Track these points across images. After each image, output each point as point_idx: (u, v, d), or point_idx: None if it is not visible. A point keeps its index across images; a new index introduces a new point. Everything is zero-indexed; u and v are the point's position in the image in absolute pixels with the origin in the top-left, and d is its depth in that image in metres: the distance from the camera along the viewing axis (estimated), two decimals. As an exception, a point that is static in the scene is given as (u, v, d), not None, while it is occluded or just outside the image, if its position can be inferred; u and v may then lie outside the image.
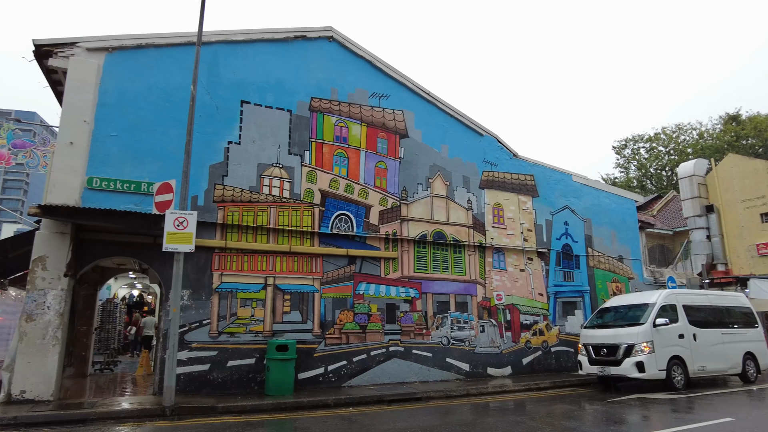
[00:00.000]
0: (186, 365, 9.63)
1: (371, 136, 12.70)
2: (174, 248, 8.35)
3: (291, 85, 11.88)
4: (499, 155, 14.58)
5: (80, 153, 9.57)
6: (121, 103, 10.11)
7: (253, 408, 8.63)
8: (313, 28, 12.42)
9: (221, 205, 10.62)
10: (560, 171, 15.77)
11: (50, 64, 9.91)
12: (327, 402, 9.21)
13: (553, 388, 11.53)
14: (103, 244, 9.76)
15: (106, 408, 8.14)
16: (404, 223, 12.62)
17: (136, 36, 10.48)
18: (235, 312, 10.36)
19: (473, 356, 12.67)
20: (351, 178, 12.19)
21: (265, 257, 10.86)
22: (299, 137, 11.74)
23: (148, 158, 10.11)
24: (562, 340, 14.21)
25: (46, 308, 8.88)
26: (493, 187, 14.31)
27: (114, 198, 9.61)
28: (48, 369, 8.68)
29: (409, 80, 13.44)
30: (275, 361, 9.77)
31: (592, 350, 11.43)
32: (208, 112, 10.81)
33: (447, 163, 13.64)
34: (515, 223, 14.40)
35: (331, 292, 11.35)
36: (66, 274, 9.09)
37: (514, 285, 13.88)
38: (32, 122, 62.57)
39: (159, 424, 7.50)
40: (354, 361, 11.17)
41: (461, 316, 12.81)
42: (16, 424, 7.26)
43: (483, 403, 9.80)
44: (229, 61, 11.29)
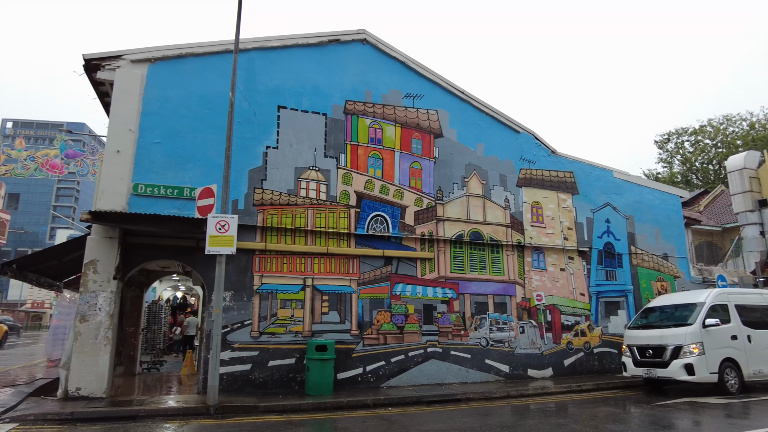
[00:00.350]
0: (228, 365, 9.88)
1: (405, 136, 12.70)
2: (216, 251, 8.59)
3: (326, 88, 12.02)
4: (536, 152, 14.31)
5: (126, 161, 9.96)
6: (163, 112, 10.47)
7: (293, 407, 8.77)
8: (347, 32, 12.53)
9: (261, 209, 10.85)
10: (600, 167, 15.35)
11: (98, 77, 10.37)
12: (366, 402, 9.27)
13: (596, 390, 11.23)
14: (148, 247, 10.13)
15: (154, 406, 8.44)
16: (440, 223, 12.56)
17: (177, 46, 10.83)
18: (275, 312, 10.56)
19: (513, 357, 12.48)
20: (386, 179, 12.22)
21: (304, 258, 11.03)
22: (335, 140, 11.87)
23: (190, 164, 10.43)
24: (605, 341, 13.81)
25: (97, 309, 9.29)
26: (531, 185, 14.06)
27: (158, 203, 9.96)
28: (100, 367, 9.07)
29: (442, 79, 13.37)
30: (315, 361, 9.90)
31: (636, 351, 11.07)
32: (247, 117, 11.06)
33: (483, 161, 13.49)
34: (555, 222, 14.10)
35: (368, 293, 11.41)
36: (115, 277, 9.49)
37: (554, 285, 13.59)
38: (82, 133, 65.55)
39: (204, 422, 7.73)
40: (392, 361, 11.20)
41: (500, 317, 12.64)
42: (73, 420, 7.63)
43: (523, 405, 9.65)
44: (266, 67, 11.52)
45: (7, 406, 8.17)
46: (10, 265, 11.06)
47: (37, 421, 7.51)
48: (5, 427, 7.07)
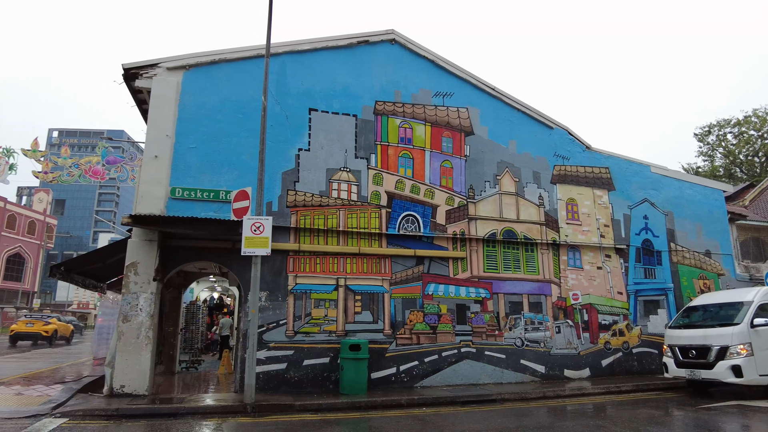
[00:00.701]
0: (264, 364, 10.05)
1: (436, 135, 12.65)
2: (252, 252, 8.76)
3: (356, 90, 12.10)
4: (570, 148, 14.02)
5: (164, 165, 10.27)
6: (198, 117, 10.75)
7: (328, 406, 8.86)
8: (375, 32, 12.58)
9: (294, 210, 11.01)
10: (637, 162, 14.91)
11: (136, 85, 10.73)
12: (400, 402, 9.28)
13: (636, 391, 10.92)
14: (186, 249, 10.41)
15: (194, 404, 8.68)
16: (472, 222, 12.46)
17: (210, 53, 11.09)
18: (309, 312, 10.69)
19: (549, 358, 12.27)
20: (416, 178, 12.20)
21: (336, 259, 11.12)
22: (365, 141, 11.93)
23: (225, 167, 10.67)
24: (645, 340, 13.41)
25: (138, 310, 9.61)
26: (566, 182, 13.78)
27: (195, 206, 10.23)
28: (142, 366, 9.39)
29: (472, 76, 13.25)
30: (349, 360, 9.97)
31: (678, 352, 10.70)
32: (279, 121, 11.24)
33: (515, 158, 13.31)
34: (591, 219, 13.78)
35: (401, 293, 11.42)
36: (154, 278, 9.79)
37: (591, 284, 13.28)
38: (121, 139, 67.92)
39: (241, 420, 7.89)
40: (425, 361, 11.17)
41: (535, 317, 12.44)
42: (118, 416, 7.92)
43: (560, 406, 9.47)
44: (296, 71, 11.67)
45: (58, 401, 8.55)
46: (58, 267, 11.57)
47: (85, 416, 7.83)
48: (57, 421, 7.41)
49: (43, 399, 8.92)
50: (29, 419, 7.51)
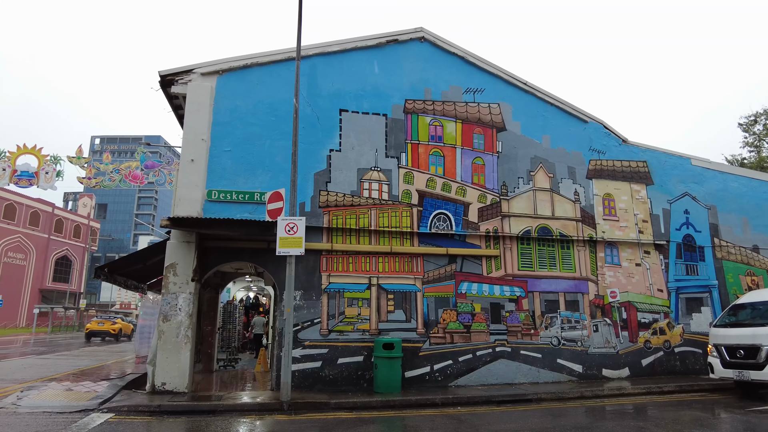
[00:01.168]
0: (300, 362, 10.19)
1: (467, 132, 12.54)
2: (286, 252, 8.90)
3: (385, 89, 12.12)
4: (606, 142, 13.66)
5: (200, 168, 10.54)
6: (232, 121, 10.98)
7: (363, 405, 8.91)
8: (404, 31, 12.56)
9: (326, 210, 11.11)
10: (677, 155, 14.40)
11: (172, 91, 11.04)
12: (435, 401, 9.25)
13: (679, 392, 10.55)
14: (222, 250, 10.66)
15: (232, 401, 8.88)
16: (505, 219, 12.30)
17: (242, 57, 11.31)
18: (343, 311, 10.78)
19: (586, 357, 11.99)
20: (448, 176, 12.13)
21: (368, 258, 11.17)
22: (395, 140, 11.93)
23: (259, 169, 10.86)
24: (688, 339, 12.95)
25: (178, 310, 9.89)
26: (602, 177, 13.43)
27: (231, 208, 10.46)
28: (182, 364, 9.66)
29: (504, 72, 13.08)
30: (382, 359, 10.00)
31: (725, 352, 10.27)
32: (311, 122, 11.37)
33: (549, 154, 13.06)
34: (628, 215, 13.40)
35: (433, 292, 11.38)
36: (193, 278, 10.06)
37: (629, 281, 12.91)
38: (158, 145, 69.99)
39: (278, 418, 8.02)
40: (460, 360, 11.10)
41: (572, 316, 12.19)
42: (160, 412, 8.18)
43: (599, 406, 9.25)
44: (327, 72, 11.78)
45: (105, 397, 8.90)
46: (102, 269, 12.03)
47: (130, 412, 8.12)
48: (104, 416, 7.71)
49: (91, 395, 9.29)
50: (79, 414, 7.84)
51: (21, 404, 8.46)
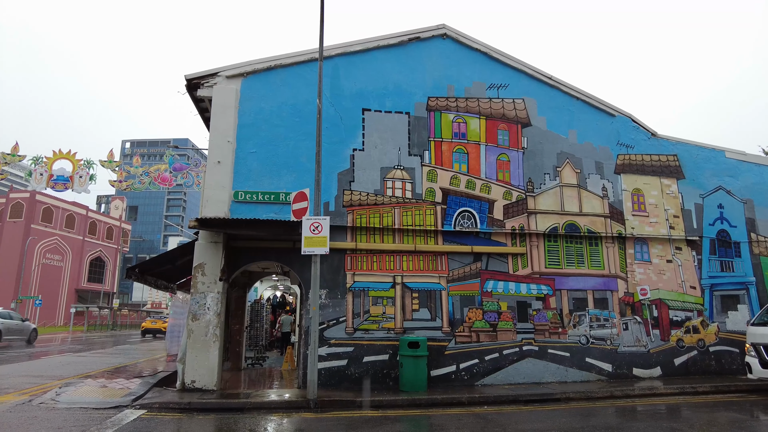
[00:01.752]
0: (326, 360, 10.27)
1: (491, 128, 12.42)
2: (311, 251, 8.98)
3: (408, 87, 12.09)
4: (635, 136, 13.34)
5: (226, 170, 10.71)
6: (257, 122, 11.12)
7: (389, 403, 8.92)
8: (426, 28, 12.51)
9: (350, 209, 11.16)
10: (709, 147, 13.95)
11: (198, 95, 11.25)
12: (461, 400, 9.20)
13: (715, 392, 10.23)
14: (249, 250, 10.81)
15: (259, 399, 9.00)
16: (531, 216, 12.14)
17: (266, 59, 11.45)
18: (367, 310, 10.81)
19: (616, 356, 11.74)
20: (472, 173, 12.03)
21: (392, 256, 11.17)
22: (418, 138, 11.90)
23: (284, 170, 10.98)
24: (723, 338, 12.54)
25: (206, 309, 10.08)
26: (631, 172, 13.12)
27: (257, 208, 10.61)
28: (211, 362, 9.84)
29: (528, 66, 12.89)
30: (408, 357, 9.99)
31: (764, 351, 9.90)
32: (334, 122, 11.43)
33: (576, 149, 12.82)
34: (659, 210, 13.06)
35: (458, 290, 11.31)
36: (220, 278, 10.23)
37: (660, 278, 12.58)
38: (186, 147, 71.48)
39: (305, 416, 8.10)
40: (486, 359, 11.01)
41: (601, 314, 11.95)
42: (190, 409, 8.36)
43: (629, 406, 9.04)
44: (349, 72, 11.82)
45: (137, 394, 9.14)
46: (133, 269, 12.35)
47: (161, 408, 8.32)
48: (137, 412, 7.92)
49: (124, 391, 9.55)
50: (113, 410, 8.08)
51: (59, 400, 8.76)
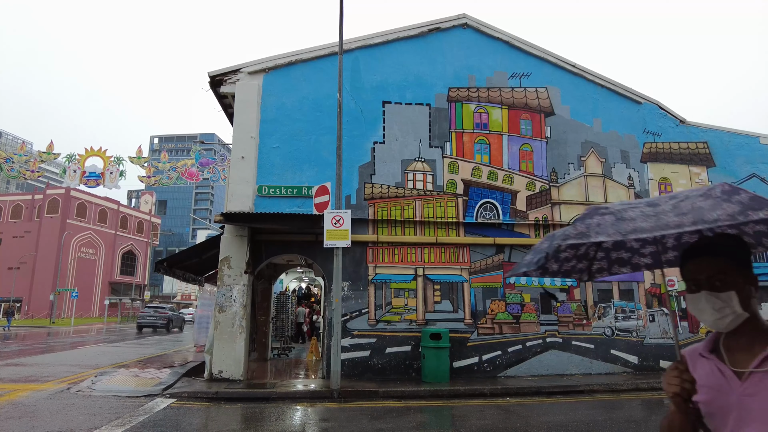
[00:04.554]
0: (349, 351, 10.41)
1: (513, 118, 12.28)
2: (333, 244, 9.09)
3: (428, 78, 12.04)
4: (662, 123, 13.00)
5: (250, 165, 10.90)
6: (279, 117, 11.26)
7: (411, 394, 9.01)
8: (446, 18, 12.41)
9: (371, 202, 11.23)
10: (742, 134, 13.50)
11: (221, 91, 11.43)
12: (483, 391, 9.22)
13: (747, 385, 9.98)
14: (273, 243, 10.99)
15: (284, 389, 9.21)
16: (555, 207, 11.99)
17: (286, 54, 11.55)
18: (389, 301, 10.89)
19: (642, 348, 11.56)
20: (494, 164, 11.94)
21: (414, 249, 11.21)
22: (439, 129, 11.86)
23: (305, 164, 11.11)
24: (757, 330, 12.18)
25: (232, 301, 10.32)
26: (658, 160, 12.81)
27: (280, 202, 10.77)
28: (237, 353, 10.09)
29: (551, 54, 12.68)
30: (430, 349, 10.06)
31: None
32: (354, 116, 11.48)
33: (601, 138, 12.58)
34: (687, 199, 12.70)
35: (480, 282, 11.29)
36: (246, 271, 10.45)
37: (689, 269, 12.27)
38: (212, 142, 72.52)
39: (328, 405, 8.25)
40: (509, 351, 10.98)
41: (626, 305, 11.77)
42: (217, 398, 8.61)
43: (655, 399, 8.92)
44: (369, 65, 11.83)
45: (167, 384, 9.46)
46: (162, 263, 12.71)
47: (189, 398, 8.60)
48: (167, 401, 8.21)
49: (155, 381, 9.90)
50: (145, 398, 8.39)
51: (95, 388, 9.14)
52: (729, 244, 1.43)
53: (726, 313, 1.38)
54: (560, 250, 1.71)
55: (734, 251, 1.42)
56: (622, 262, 1.97)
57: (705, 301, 1.40)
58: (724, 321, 1.39)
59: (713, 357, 1.47)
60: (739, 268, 1.40)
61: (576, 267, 1.93)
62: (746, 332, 1.40)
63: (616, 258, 1.95)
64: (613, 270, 1.99)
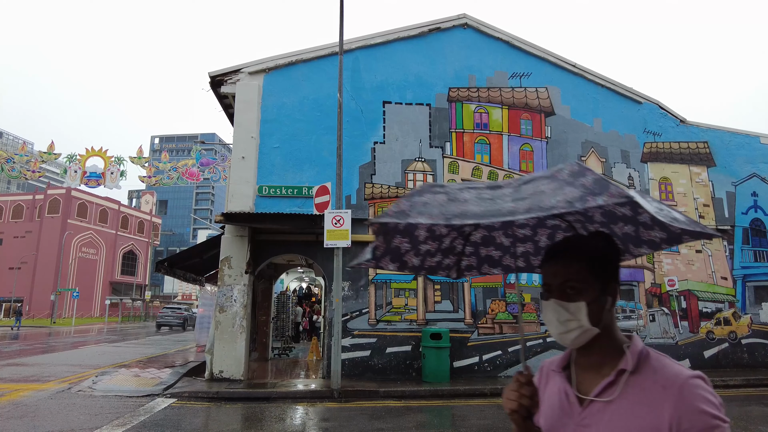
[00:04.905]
0: (349, 351, 10.42)
1: (513, 118, 12.28)
2: (333, 244, 9.11)
3: (429, 78, 12.04)
4: (662, 123, 13.00)
5: (250, 165, 10.91)
6: (279, 118, 11.27)
7: (411, 393, 9.02)
8: (447, 18, 12.42)
9: (371, 202, 11.25)
10: (743, 133, 13.49)
11: (222, 91, 11.45)
12: (483, 391, 9.23)
13: (747, 386, 10.01)
14: (274, 243, 11.01)
15: (285, 389, 9.22)
16: (555, 207, 11.96)
17: (287, 54, 11.56)
18: (390, 301, 10.90)
19: (643, 348, 11.54)
20: (494, 164, 11.95)
21: (415, 249, 11.19)
22: (439, 129, 11.86)
23: (306, 164, 11.12)
24: (757, 330, 12.20)
25: (233, 301, 10.33)
26: (658, 160, 12.80)
27: (280, 203, 10.78)
28: (238, 353, 10.10)
29: (551, 54, 12.68)
30: (430, 348, 10.07)
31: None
32: (355, 116, 11.49)
33: (601, 137, 12.58)
34: (687, 199, 12.73)
35: (481, 282, 11.29)
36: (246, 271, 10.47)
37: (689, 269, 12.30)
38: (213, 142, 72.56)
39: (329, 405, 8.27)
40: (509, 351, 10.99)
41: (627, 305, 11.77)
42: (218, 398, 8.62)
43: (657, 399, 8.90)
44: (370, 65, 11.84)
45: (168, 383, 9.48)
46: (162, 263, 12.73)
47: (190, 397, 8.62)
48: (168, 401, 8.23)
49: (155, 381, 9.92)
50: (146, 398, 8.40)
51: (96, 388, 9.16)
52: (594, 246, 1.21)
53: (571, 327, 1.16)
54: (378, 232, 1.44)
55: (600, 255, 1.20)
56: (492, 261, 1.66)
57: (552, 310, 1.18)
58: (569, 336, 1.16)
59: (563, 375, 1.25)
60: (601, 275, 1.19)
61: (443, 263, 1.63)
62: (596, 350, 1.19)
63: (486, 256, 1.65)
64: (483, 269, 1.70)
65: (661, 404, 1.06)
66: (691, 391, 1.06)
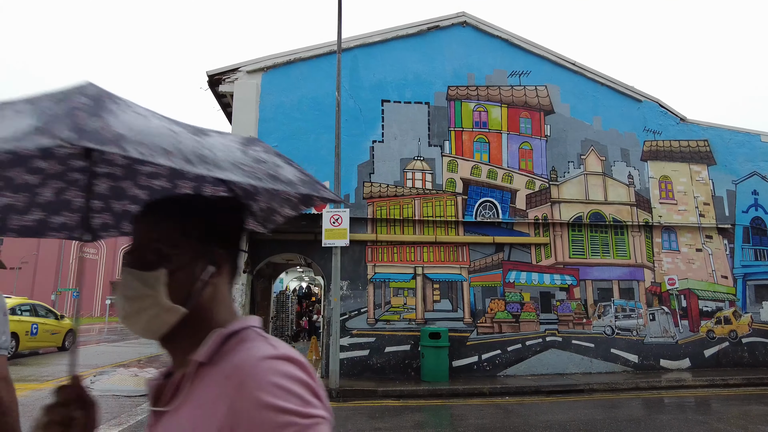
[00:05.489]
0: (348, 350, 10.40)
1: (513, 116, 12.24)
2: (332, 243, 9.08)
3: (427, 77, 12.00)
4: (663, 121, 12.95)
5: (248, 164, 10.85)
6: (278, 117, 11.23)
7: (410, 393, 9.00)
8: (446, 17, 12.37)
9: (370, 201, 11.21)
10: (743, 131, 13.45)
11: (220, 90, 11.40)
12: (482, 390, 9.21)
13: (747, 385, 9.97)
14: (272, 242, 10.98)
15: (284, 388, 9.18)
16: (555, 205, 11.95)
17: (285, 53, 11.52)
18: (389, 301, 10.88)
19: (642, 347, 11.53)
20: (493, 163, 11.91)
21: (413, 248, 11.19)
22: (438, 128, 11.82)
23: (304, 163, 11.01)
24: (757, 329, 12.16)
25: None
26: (658, 158, 12.76)
27: (278, 201, 10.73)
28: (237, 352, 10.06)
29: (551, 52, 12.63)
30: (429, 348, 10.04)
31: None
32: (353, 115, 11.45)
33: (601, 136, 12.53)
34: (687, 197, 12.68)
35: (480, 281, 11.26)
36: (245, 270, 10.44)
37: (689, 267, 12.26)
38: (213, 140, 72.62)
39: (328, 404, 8.23)
40: (508, 350, 10.96)
41: (627, 304, 11.73)
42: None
43: (655, 398, 8.90)
44: (368, 64, 11.80)
45: (166, 384, 9.44)
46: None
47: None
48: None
49: (154, 381, 9.89)
50: (143, 397, 8.37)
51: (93, 388, 9.13)
52: (201, 203, 0.96)
53: (144, 306, 0.84)
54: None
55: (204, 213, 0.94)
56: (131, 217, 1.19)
57: (120, 286, 0.86)
58: (140, 319, 0.85)
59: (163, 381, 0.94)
60: (200, 237, 0.91)
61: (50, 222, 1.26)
62: (186, 342, 0.88)
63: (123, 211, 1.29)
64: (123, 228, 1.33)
65: (216, 401, 0.76)
66: (258, 377, 0.75)
